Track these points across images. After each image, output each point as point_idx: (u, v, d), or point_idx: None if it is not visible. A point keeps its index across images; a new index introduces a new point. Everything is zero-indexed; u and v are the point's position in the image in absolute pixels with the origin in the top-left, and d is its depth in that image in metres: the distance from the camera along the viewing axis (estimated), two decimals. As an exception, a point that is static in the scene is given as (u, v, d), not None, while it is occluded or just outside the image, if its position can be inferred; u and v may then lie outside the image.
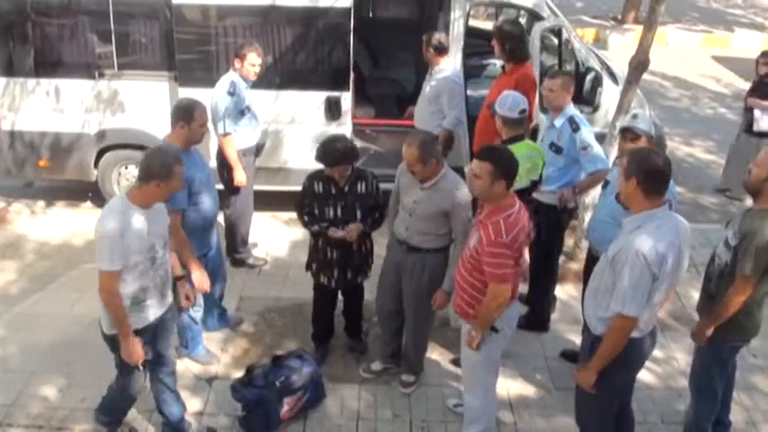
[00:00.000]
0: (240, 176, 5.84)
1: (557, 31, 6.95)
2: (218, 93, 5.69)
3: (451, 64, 6.40)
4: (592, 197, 5.99)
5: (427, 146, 4.27)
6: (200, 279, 4.52)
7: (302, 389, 4.62)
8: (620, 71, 7.33)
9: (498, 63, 7.03)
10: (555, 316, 5.69)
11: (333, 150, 4.57)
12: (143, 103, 6.73)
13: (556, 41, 7.03)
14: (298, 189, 4.87)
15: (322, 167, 4.67)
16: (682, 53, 13.62)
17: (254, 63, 5.73)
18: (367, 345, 5.31)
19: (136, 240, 3.69)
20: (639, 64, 5.86)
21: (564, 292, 5.97)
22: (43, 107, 6.77)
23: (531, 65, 6.09)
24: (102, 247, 3.64)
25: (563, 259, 5.98)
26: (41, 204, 7.41)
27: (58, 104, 6.77)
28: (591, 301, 3.73)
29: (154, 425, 4.51)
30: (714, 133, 9.70)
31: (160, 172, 3.70)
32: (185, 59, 6.49)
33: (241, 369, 4.84)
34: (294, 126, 6.77)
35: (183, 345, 5.05)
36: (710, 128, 9.97)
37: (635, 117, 4.59)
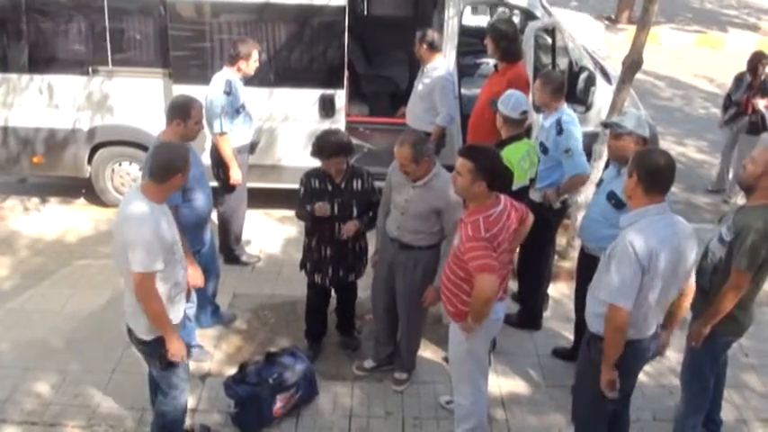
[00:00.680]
0: (236, 175, 5.84)
1: (550, 31, 6.97)
2: (213, 91, 5.68)
3: (444, 62, 6.41)
4: (585, 196, 6.01)
5: (420, 145, 4.28)
6: (193, 276, 4.51)
7: (295, 386, 4.62)
8: (614, 70, 7.36)
9: (491, 62, 7.05)
10: (547, 314, 5.71)
11: (327, 143, 4.59)
12: (137, 100, 6.71)
13: (549, 40, 7.05)
14: (291, 186, 4.87)
15: (318, 165, 4.68)
16: (675, 53, 13.67)
17: (257, 58, 5.78)
18: (360, 342, 5.32)
19: (167, 237, 3.69)
20: (633, 63, 5.87)
21: (556, 290, 6.00)
22: (37, 103, 6.75)
23: (525, 64, 6.10)
24: (140, 250, 3.56)
25: (556, 258, 6.00)
26: (35, 201, 7.38)
27: (51, 101, 6.75)
28: (589, 299, 3.76)
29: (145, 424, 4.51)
30: (707, 133, 9.72)
31: (181, 165, 3.72)
32: (180, 56, 6.49)
33: (234, 366, 4.84)
34: (288, 123, 6.77)
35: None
36: (703, 128, 10.01)
37: (623, 115, 4.59)
